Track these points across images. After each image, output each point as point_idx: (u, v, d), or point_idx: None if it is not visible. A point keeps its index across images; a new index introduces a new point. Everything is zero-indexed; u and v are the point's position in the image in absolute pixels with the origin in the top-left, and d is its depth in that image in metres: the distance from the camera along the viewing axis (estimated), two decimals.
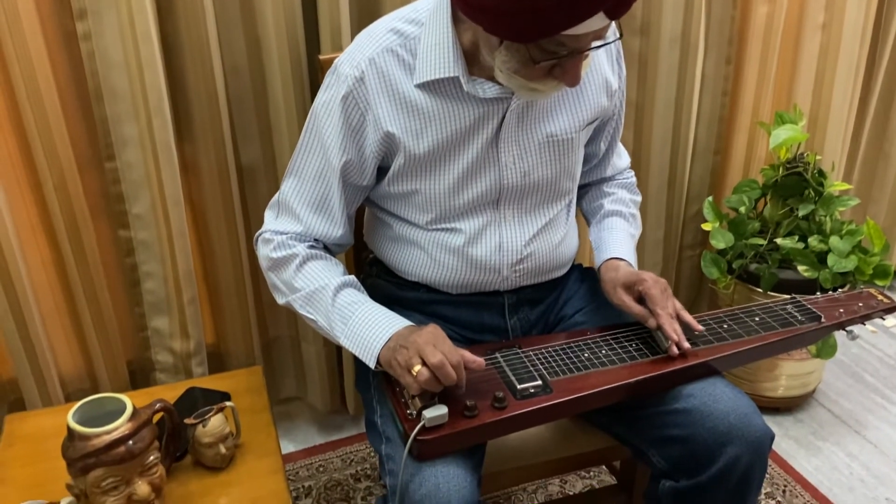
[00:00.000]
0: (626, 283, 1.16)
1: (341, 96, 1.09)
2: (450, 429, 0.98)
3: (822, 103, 2.01)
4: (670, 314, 1.11)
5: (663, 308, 1.11)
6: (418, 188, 1.15)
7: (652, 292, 1.12)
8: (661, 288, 1.13)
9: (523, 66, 1.00)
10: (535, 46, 0.97)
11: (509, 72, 1.02)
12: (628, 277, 1.16)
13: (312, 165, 1.15)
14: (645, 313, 1.13)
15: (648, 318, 1.12)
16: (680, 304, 1.14)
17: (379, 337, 1.05)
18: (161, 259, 1.53)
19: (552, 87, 1.04)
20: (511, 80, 1.03)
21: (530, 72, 1.00)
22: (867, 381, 2.08)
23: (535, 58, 0.98)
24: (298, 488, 1.74)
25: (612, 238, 1.26)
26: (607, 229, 1.28)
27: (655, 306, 1.11)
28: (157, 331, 1.61)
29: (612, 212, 1.31)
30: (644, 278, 1.14)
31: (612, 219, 1.30)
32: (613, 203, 1.33)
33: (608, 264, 1.22)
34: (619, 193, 1.35)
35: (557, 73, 1.01)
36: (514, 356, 1.12)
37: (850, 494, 1.71)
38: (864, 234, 1.77)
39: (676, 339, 1.09)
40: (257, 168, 1.62)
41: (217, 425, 1.13)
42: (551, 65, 1.00)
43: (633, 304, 1.14)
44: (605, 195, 1.34)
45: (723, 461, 1.06)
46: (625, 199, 1.34)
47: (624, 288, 1.16)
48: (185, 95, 1.49)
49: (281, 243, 1.16)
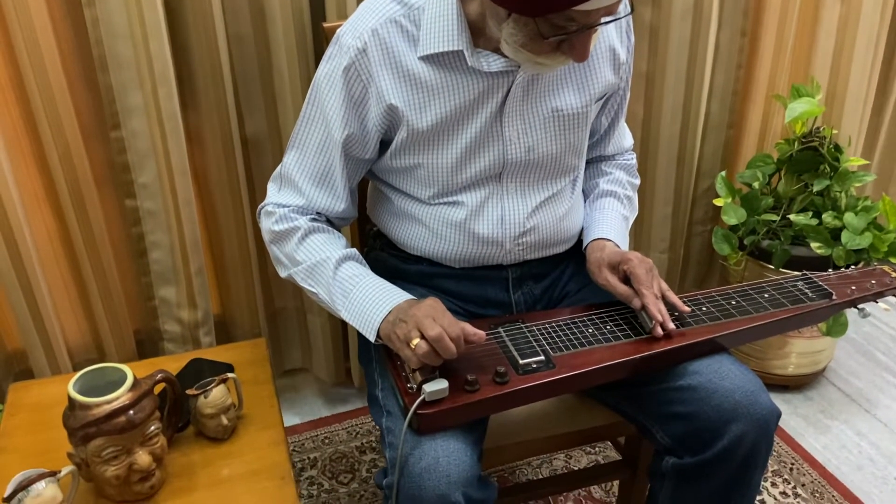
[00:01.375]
0: (612, 263, 1.13)
1: (343, 68, 1.07)
2: (450, 403, 0.98)
3: (840, 76, 1.96)
4: (655, 294, 1.09)
5: (648, 288, 1.08)
6: (421, 162, 1.13)
7: (637, 272, 1.09)
8: (647, 268, 1.10)
9: (531, 40, 0.98)
10: (544, 21, 0.94)
11: (516, 45, 0.99)
12: (613, 257, 1.14)
13: (314, 138, 1.14)
14: (629, 293, 1.10)
15: (633, 299, 1.10)
16: (665, 285, 1.11)
17: (379, 310, 1.04)
18: (168, 228, 1.53)
19: (559, 62, 1.02)
20: (517, 53, 1.01)
21: (538, 46, 0.98)
22: (879, 360, 2.05)
23: (543, 32, 0.95)
24: (304, 460, 1.75)
25: (602, 218, 1.23)
26: (599, 209, 1.26)
27: (640, 286, 1.09)
28: (165, 300, 1.61)
29: (606, 192, 1.28)
30: (629, 258, 1.11)
31: (605, 199, 1.27)
32: (609, 183, 1.29)
33: (594, 244, 1.20)
34: (617, 174, 1.31)
35: (565, 48, 0.99)
36: (517, 331, 1.11)
37: (858, 473, 1.70)
38: (879, 211, 1.73)
39: (661, 319, 1.07)
40: (262, 138, 1.61)
41: (219, 396, 1.13)
42: (559, 40, 0.97)
43: (618, 284, 1.12)
44: (603, 174, 1.31)
45: (727, 439, 1.04)
46: (622, 181, 1.30)
47: (609, 267, 1.14)
48: (189, 64, 1.47)
49: (283, 216, 1.15)
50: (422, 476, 0.95)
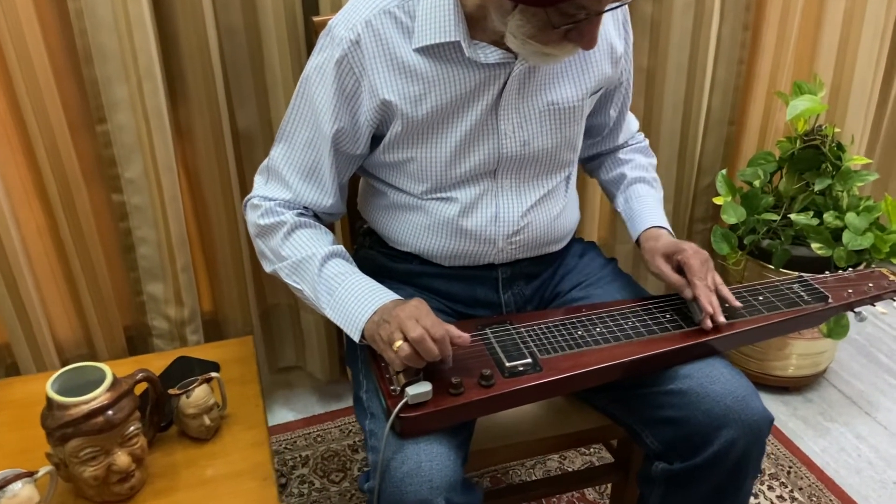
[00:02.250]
0: (667, 252, 1.14)
1: (335, 60, 1.05)
2: (434, 406, 0.95)
3: (844, 73, 1.92)
4: (708, 286, 1.08)
5: (701, 279, 1.08)
6: (414, 156, 1.11)
7: (691, 262, 1.09)
8: (702, 259, 1.10)
9: (540, 30, 0.96)
10: (555, 10, 0.92)
11: (524, 37, 0.97)
12: (668, 247, 1.14)
13: (303, 132, 1.11)
14: (682, 282, 1.10)
15: (685, 288, 1.09)
16: (720, 279, 1.11)
17: (364, 310, 1.02)
18: (154, 224, 1.51)
19: (567, 52, 1.01)
20: (525, 46, 0.98)
21: (547, 36, 0.96)
22: (881, 362, 2.02)
23: (553, 22, 0.94)
24: (296, 457, 1.73)
25: (644, 207, 1.24)
26: (636, 198, 1.26)
27: (693, 276, 1.08)
28: (152, 296, 1.59)
29: (635, 179, 1.28)
30: (684, 248, 1.11)
31: (638, 186, 1.27)
32: (634, 169, 1.29)
33: (648, 233, 1.20)
34: (637, 159, 1.31)
35: (574, 36, 0.97)
36: (505, 332, 1.08)
37: (856, 476, 1.67)
38: (881, 211, 1.70)
39: (711, 311, 1.06)
40: (253, 133, 1.59)
41: (201, 396, 1.11)
42: (568, 28, 0.95)
43: (672, 273, 1.12)
44: (624, 163, 1.31)
45: (717, 445, 1.02)
46: (644, 164, 1.31)
47: (664, 257, 1.14)
48: (178, 57, 1.45)
49: (269, 210, 1.12)
50: (403, 481, 0.93)
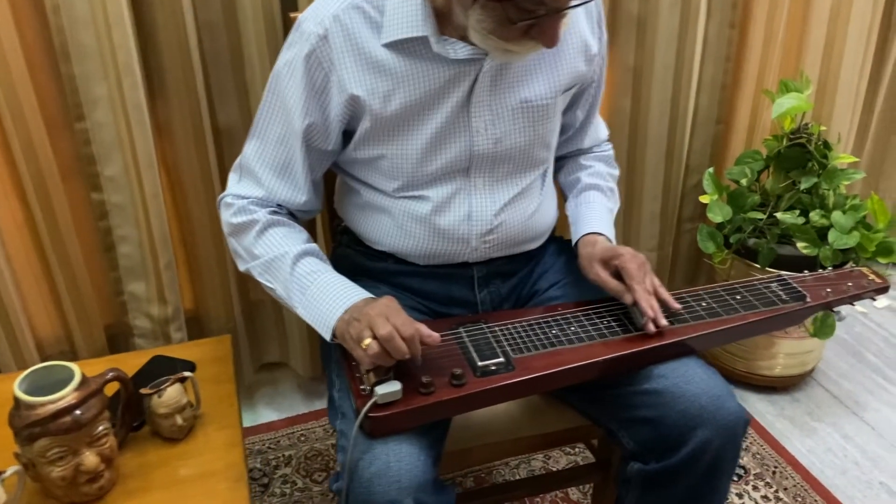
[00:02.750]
0: (603, 258, 1.11)
1: (304, 55, 1.04)
2: (403, 406, 0.95)
3: (831, 71, 1.91)
4: (647, 290, 1.06)
5: (640, 283, 1.06)
6: (384, 153, 1.10)
7: (629, 267, 1.07)
8: (639, 263, 1.08)
9: (499, 25, 0.94)
10: (512, 5, 0.91)
11: (484, 32, 0.96)
12: (605, 252, 1.12)
13: (275, 128, 1.11)
14: (621, 288, 1.08)
15: (625, 294, 1.07)
16: (658, 281, 1.09)
17: (335, 309, 1.01)
18: (136, 223, 1.50)
19: (529, 49, 0.99)
20: (486, 40, 0.97)
21: (506, 32, 0.95)
22: (869, 361, 2.01)
23: (511, 17, 0.92)
24: (279, 457, 1.72)
25: (589, 213, 1.21)
26: (584, 204, 1.23)
27: (632, 281, 1.06)
28: (134, 295, 1.58)
29: (589, 185, 1.26)
30: (621, 253, 1.09)
31: (590, 192, 1.25)
32: (591, 176, 1.27)
33: (585, 239, 1.17)
34: (597, 167, 1.29)
35: (535, 33, 0.96)
36: (479, 331, 1.08)
37: (842, 477, 1.66)
38: (868, 210, 1.69)
39: (652, 315, 1.04)
40: (235, 128, 1.58)
41: (174, 396, 1.10)
42: (528, 24, 0.94)
43: (610, 279, 1.09)
44: (583, 168, 1.29)
45: (692, 445, 1.01)
46: (602, 173, 1.28)
47: (601, 263, 1.11)
48: (157, 53, 1.44)
49: (242, 208, 1.11)
50: (371, 481, 0.92)
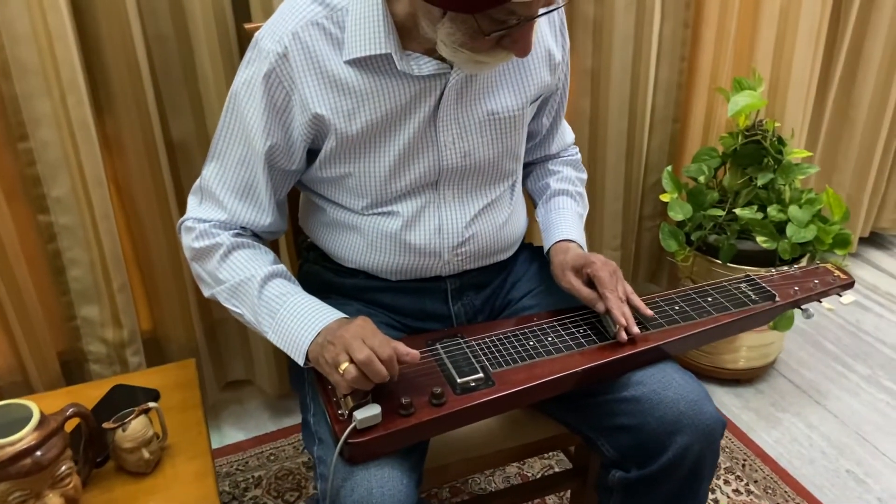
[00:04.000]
0: (575, 266, 1.11)
1: (263, 74, 1.00)
2: (384, 429, 0.92)
3: (782, 67, 1.95)
4: (619, 297, 1.06)
5: (612, 291, 1.05)
6: (351, 171, 1.07)
7: (600, 275, 1.06)
8: (611, 270, 1.07)
9: (470, 38, 0.92)
10: (483, 16, 0.89)
11: (454, 45, 0.94)
12: (577, 260, 1.11)
13: (235, 150, 1.07)
14: (593, 297, 1.07)
15: (597, 302, 1.07)
16: (630, 288, 1.09)
17: (307, 332, 0.98)
18: (86, 244, 1.44)
19: (501, 59, 0.97)
20: (456, 54, 0.95)
21: (478, 44, 0.93)
22: (828, 350, 2.06)
23: (484, 29, 0.90)
24: (248, 479, 1.68)
25: (560, 219, 1.20)
26: (555, 210, 1.22)
27: (604, 289, 1.06)
28: (87, 320, 1.52)
29: (559, 191, 1.25)
30: (592, 261, 1.08)
31: (559, 198, 1.24)
32: (560, 182, 1.26)
33: (557, 247, 1.17)
34: (565, 171, 1.28)
35: (507, 43, 0.94)
36: (456, 346, 1.06)
37: (810, 467, 1.70)
38: (823, 203, 1.72)
39: (625, 323, 1.04)
40: (189, 143, 1.52)
41: (139, 429, 1.05)
42: (500, 35, 0.92)
43: (582, 287, 1.09)
44: (551, 174, 1.28)
45: (672, 451, 1.01)
46: (571, 178, 1.28)
47: (573, 271, 1.11)
48: (104, 67, 1.38)
49: (204, 232, 1.07)
50: None
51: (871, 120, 2.19)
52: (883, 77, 2.14)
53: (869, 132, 2.21)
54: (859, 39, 2.10)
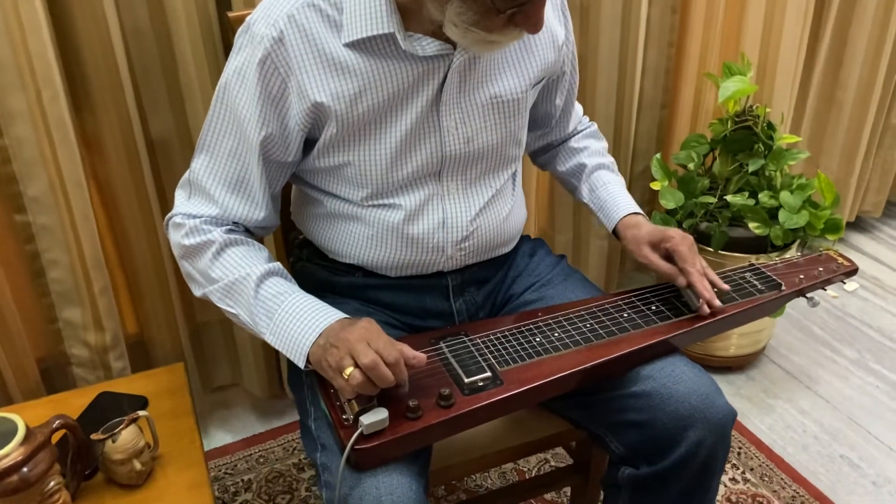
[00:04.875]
0: (652, 241, 1.12)
1: (257, 60, 0.95)
2: (391, 434, 0.89)
3: (770, 51, 1.94)
4: (699, 272, 1.07)
5: (693, 265, 1.06)
6: (351, 160, 1.03)
7: (680, 249, 1.07)
8: (689, 244, 1.09)
9: (483, 16, 0.89)
10: None
11: (465, 25, 0.90)
12: (653, 234, 1.12)
13: (226, 142, 1.02)
14: (675, 271, 1.08)
15: (678, 277, 1.07)
16: (706, 263, 1.10)
17: (308, 333, 0.94)
18: (66, 245, 1.37)
19: (512, 37, 0.94)
20: (467, 34, 0.91)
21: (490, 22, 0.89)
22: (817, 335, 2.07)
23: (498, 6, 0.87)
24: (237, 482, 1.63)
25: (613, 195, 1.21)
26: (601, 186, 1.23)
27: (685, 264, 1.07)
28: (69, 323, 1.46)
29: (596, 166, 1.26)
30: (671, 235, 1.10)
31: (600, 173, 1.25)
32: (592, 157, 1.27)
33: (626, 221, 1.17)
34: (592, 145, 1.29)
35: (519, 19, 0.91)
36: (461, 345, 1.02)
37: (804, 453, 1.70)
38: (814, 188, 1.72)
39: (708, 297, 1.05)
40: (170, 141, 1.47)
41: (129, 439, 1.00)
42: (513, 12, 0.89)
43: (661, 262, 1.10)
44: (579, 151, 1.28)
45: (685, 446, 0.99)
46: (599, 150, 1.29)
47: (649, 245, 1.12)
48: (80, 62, 1.31)
49: (194, 228, 1.02)
50: None
51: (859, 101, 2.18)
52: (871, 56, 2.12)
53: (857, 113, 2.20)
54: (846, 18, 2.09)
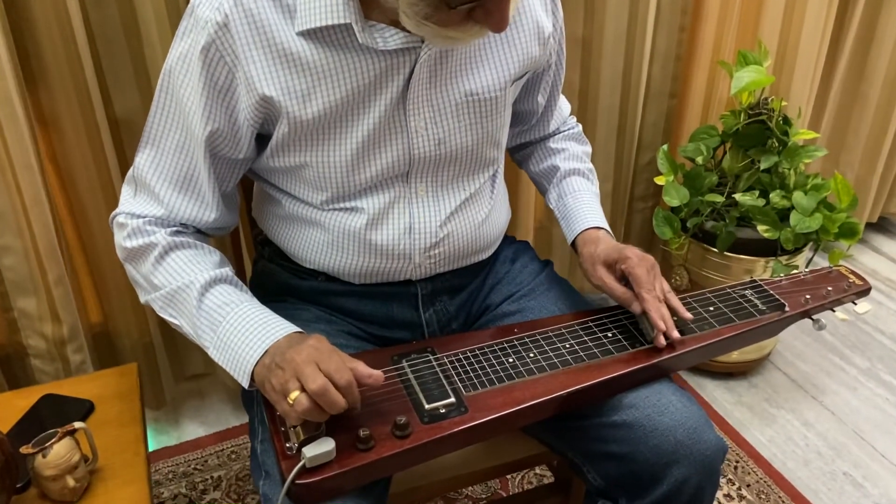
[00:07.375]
0: (608, 261, 0.99)
1: (200, 47, 0.85)
2: (338, 467, 0.80)
3: (790, 40, 1.80)
4: (658, 297, 0.95)
5: (649, 291, 0.94)
6: (308, 161, 0.93)
7: (636, 272, 0.95)
8: (648, 267, 0.96)
9: (436, 10, 0.78)
10: None
11: (418, 18, 0.79)
12: (609, 253, 1.00)
13: (171, 135, 0.92)
14: (628, 296, 0.96)
15: (632, 302, 0.96)
16: (668, 286, 0.97)
17: (252, 350, 0.85)
18: (18, 231, 1.28)
19: (474, 34, 0.83)
20: (420, 27, 0.81)
21: (445, 17, 0.79)
22: (826, 340, 1.96)
23: (448, 1, 0.76)
24: (207, 479, 1.56)
25: (580, 204, 1.09)
26: (571, 193, 1.11)
27: (641, 289, 0.95)
28: (24, 313, 1.37)
29: (570, 171, 1.14)
30: (628, 255, 0.97)
31: (572, 179, 1.13)
32: (568, 160, 1.15)
33: (585, 236, 1.05)
34: (571, 148, 1.17)
35: (479, 15, 0.80)
36: (425, 364, 0.93)
37: (805, 469, 1.60)
38: (830, 190, 1.60)
39: (664, 327, 0.93)
40: (135, 117, 1.37)
41: (62, 454, 0.92)
42: (470, 7, 0.78)
43: (616, 285, 0.98)
44: (556, 153, 1.16)
45: (668, 484, 0.90)
46: (577, 154, 1.16)
47: (604, 265, 1.00)
48: (33, 34, 1.21)
49: (137, 229, 0.93)
50: None
51: (886, 96, 2.05)
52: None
53: (883, 109, 2.06)
54: (875, 5, 1.94)
